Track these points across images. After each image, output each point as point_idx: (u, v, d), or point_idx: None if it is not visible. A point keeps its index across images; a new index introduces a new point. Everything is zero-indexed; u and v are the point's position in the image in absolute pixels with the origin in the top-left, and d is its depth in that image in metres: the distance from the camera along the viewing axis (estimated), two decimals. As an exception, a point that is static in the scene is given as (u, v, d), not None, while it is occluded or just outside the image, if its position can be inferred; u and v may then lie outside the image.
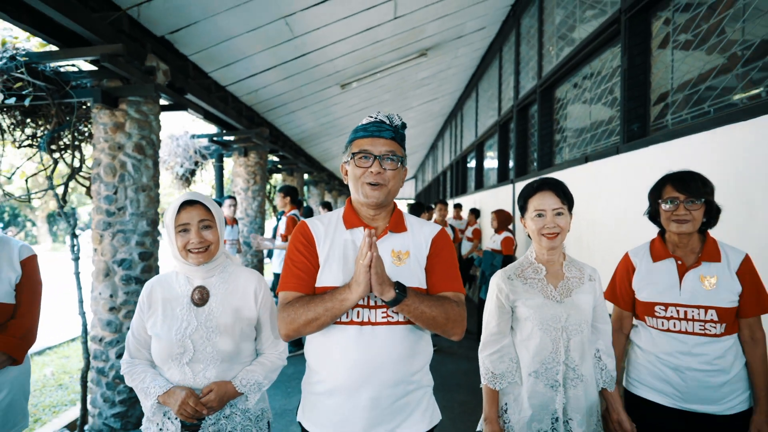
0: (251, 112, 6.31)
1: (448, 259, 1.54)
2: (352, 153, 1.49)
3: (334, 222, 1.55)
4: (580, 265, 1.79)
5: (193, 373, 1.57)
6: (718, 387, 1.72)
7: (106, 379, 3.45)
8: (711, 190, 1.77)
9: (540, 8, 5.69)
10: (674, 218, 1.76)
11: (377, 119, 1.50)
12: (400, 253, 1.49)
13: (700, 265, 1.76)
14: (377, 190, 1.46)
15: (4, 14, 2.53)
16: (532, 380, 1.68)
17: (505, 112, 7.29)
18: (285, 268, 1.50)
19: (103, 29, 3.01)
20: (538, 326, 1.69)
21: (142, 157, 3.54)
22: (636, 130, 3.50)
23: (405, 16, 5.46)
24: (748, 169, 2.25)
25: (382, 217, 1.54)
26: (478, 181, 9.68)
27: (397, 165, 1.48)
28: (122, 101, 3.46)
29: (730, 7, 2.65)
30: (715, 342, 1.72)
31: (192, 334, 1.57)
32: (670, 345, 1.78)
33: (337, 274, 1.44)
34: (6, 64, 2.84)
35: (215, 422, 1.59)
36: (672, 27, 3.20)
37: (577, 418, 1.64)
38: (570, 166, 4.47)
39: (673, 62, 3.18)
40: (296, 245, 1.50)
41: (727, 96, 2.67)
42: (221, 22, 4.00)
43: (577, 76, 4.81)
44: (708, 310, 1.72)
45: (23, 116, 3.34)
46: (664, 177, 1.84)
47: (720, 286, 1.72)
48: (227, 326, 1.60)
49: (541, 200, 1.70)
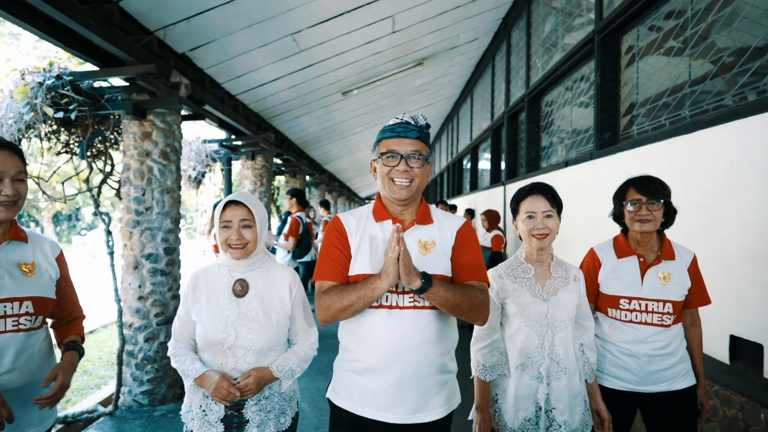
0: (258, 118, 6.73)
1: (472, 249, 1.62)
2: (381, 153, 1.58)
3: (365, 216, 1.64)
4: (566, 265, 1.90)
5: (235, 358, 1.67)
6: (667, 368, 1.90)
7: (135, 360, 3.87)
8: (669, 192, 1.93)
9: (528, 23, 6.12)
10: (637, 218, 1.90)
11: (403, 120, 1.58)
12: (426, 243, 1.58)
13: (660, 262, 1.92)
14: (405, 189, 1.55)
15: (58, 42, 2.95)
16: (519, 372, 1.78)
17: (497, 118, 7.72)
18: (320, 258, 1.61)
19: (137, 51, 3.43)
20: (525, 323, 1.78)
21: (167, 162, 3.96)
22: (608, 139, 3.93)
23: (402, 30, 5.89)
24: (697, 174, 2.68)
25: (410, 211, 1.63)
26: (473, 182, 10.10)
27: (423, 163, 1.57)
28: (150, 113, 3.87)
29: (680, 37, 3.08)
30: (666, 331, 1.90)
31: (234, 322, 1.68)
32: (629, 335, 1.92)
33: (368, 263, 1.54)
34: (54, 83, 3.25)
35: (257, 402, 1.71)
36: (636, 49, 3.63)
37: (559, 407, 1.74)
38: (553, 169, 4.89)
39: (638, 79, 3.61)
40: (331, 238, 1.61)
41: (678, 111, 3.10)
42: (235, 39, 4.41)
43: (559, 87, 5.24)
44: (666, 304, 1.89)
45: (59, 126, 3.75)
46: (627, 181, 2.00)
47: (674, 282, 1.90)
48: (265, 317, 1.70)
49: (531, 203, 1.80)
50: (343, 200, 22.34)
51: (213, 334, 1.67)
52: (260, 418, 1.71)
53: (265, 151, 7.15)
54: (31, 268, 1.62)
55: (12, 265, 1.58)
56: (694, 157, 2.66)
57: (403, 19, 5.56)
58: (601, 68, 3.94)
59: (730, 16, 2.66)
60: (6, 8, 2.51)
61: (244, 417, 1.70)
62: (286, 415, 1.77)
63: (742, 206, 2.30)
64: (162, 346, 3.92)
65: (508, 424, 1.78)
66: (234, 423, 1.70)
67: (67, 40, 3.03)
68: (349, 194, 23.79)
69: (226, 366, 1.68)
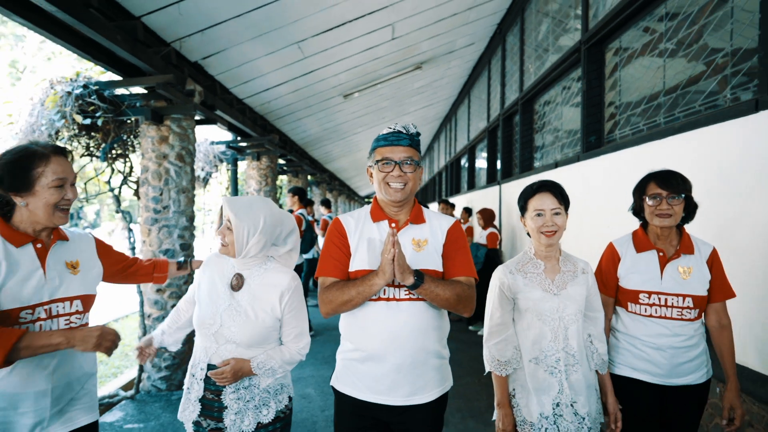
0: (264, 120, 7.01)
1: (461, 247, 1.74)
2: (376, 160, 1.71)
3: (363, 217, 1.78)
4: (574, 259, 1.91)
5: (217, 345, 1.74)
6: (691, 360, 1.90)
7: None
8: (690, 187, 1.92)
9: (521, 29, 6.41)
10: (658, 212, 1.89)
11: (395, 130, 1.71)
12: (419, 241, 1.72)
13: (680, 257, 1.91)
14: (399, 192, 1.69)
15: (89, 56, 3.23)
16: (533, 366, 1.79)
17: (493, 120, 8.00)
18: (322, 256, 1.75)
19: (156, 61, 3.71)
20: (537, 317, 1.80)
21: (182, 164, 4.25)
22: (593, 142, 4.21)
23: (401, 37, 6.17)
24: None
25: (404, 212, 1.76)
26: (470, 181, 10.39)
27: (415, 167, 1.71)
28: (166, 118, 4.16)
29: (655, 50, 3.37)
30: (688, 324, 1.89)
31: (223, 312, 1.74)
32: (652, 329, 1.91)
33: (366, 260, 1.68)
34: (82, 92, 3.54)
35: (235, 390, 1.75)
36: (618, 58, 3.92)
37: (581, 400, 1.76)
38: (544, 170, 5.18)
39: (620, 87, 3.90)
40: (332, 238, 1.74)
41: (654, 118, 3.39)
42: (244, 48, 4.70)
43: (550, 92, 5.53)
44: (685, 298, 1.88)
45: (80, 131, 4.02)
46: (647, 175, 1.97)
47: (694, 276, 1.89)
48: (250, 315, 1.74)
49: (540, 201, 1.82)
50: (344, 199, 22.62)
51: (203, 318, 1.75)
52: (238, 407, 1.74)
53: (269, 152, 7.44)
54: (76, 265, 1.67)
55: (61, 265, 1.62)
56: (666, 160, 2.96)
57: (402, 26, 5.85)
58: (587, 76, 4.22)
59: (697, 32, 2.95)
60: (48, 29, 2.79)
61: (223, 402, 1.74)
62: (269, 408, 1.79)
63: (703, 205, 2.59)
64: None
65: (527, 418, 1.80)
66: (215, 407, 1.75)
67: (96, 54, 3.32)
68: (349, 193, 24.06)
69: (209, 350, 1.75)
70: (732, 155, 2.39)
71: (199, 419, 1.76)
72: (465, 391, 4.19)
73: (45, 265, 1.56)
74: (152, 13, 3.50)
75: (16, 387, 1.47)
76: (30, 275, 1.51)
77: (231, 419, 1.73)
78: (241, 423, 1.73)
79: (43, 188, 1.50)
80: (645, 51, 3.52)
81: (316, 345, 5.45)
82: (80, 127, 4.00)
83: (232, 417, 1.73)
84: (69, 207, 1.58)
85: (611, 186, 3.60)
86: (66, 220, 1.58)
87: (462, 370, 4.66)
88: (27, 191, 1.48)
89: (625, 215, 2.17)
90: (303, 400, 4.03)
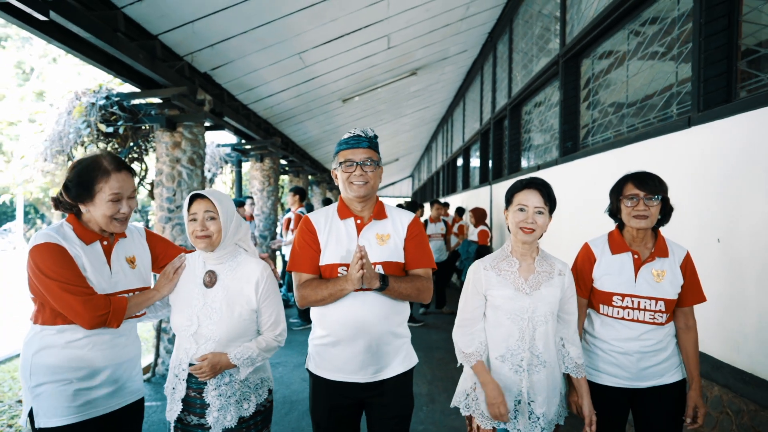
0: (267, 124, 7.40)
1: (420, 241, 1.91)
2: (339, 162, 1.85)
3: (331, 214, 1.91)
4: (552, 260, 1.88)
5: (197, 345, 1.76)
6: (659, 363, 1.90)
7: (168, 336, 4.56)
8: (666, 188, 1.90)
9: (510, 39, 6.79)
10: (635, 213, 1.86)
11: (355, 134, 1.86)
12: (383, 235, 1.87)
13: (654, 260, 1.89)
14: (362, 188, 1.82)
15: (113, 72, 3.62)
16: (498, 363, 1.81)
17: (485, 123, 8.39)
18: (293, 252, 1.87)
19: (171, 75, 4.10)
20: (507, 316, 1.80)
21: (194, 167, 4.64)
22: (570, 147, 4.60)
23: (397, 46, 6.55)
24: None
25: (368, 208, 1.90)
26: (465, 181, 10.78)
27: (375, 167, 1.84)
28: (179, 125, 4.55)
29: (621, 65, 3.76)
30: (659, 329, 1.89)
31: (198, 312, 1.77)
32: (621, 332, 1.91)
33: (335, 254, 1.83)
34: (105, 103, 3.93)
35: (216, 387, 1.78)
36: (591, 73, 4.31)
37: (539, 400, 1.77)
38: (529, 172, 5.57)
39: (591, 98, 4.29)
40: (303, 236, 1.87)
41: (618, 127, 3.78)
42: (250, 59, 5.08)
43: (535, 99, 5.92)
44: (658, 301, 1.87)
45: (101, 137, 4.41)
46: (624, 176, 1.95)
47: (667, 279, 1.87)
48: (228, 309, 1.77)
49: (525, 196, 1.80)
50: (343, 197, 22.97)
51: (179, 320, 1.80)
52: (220, 403, 1.77)
53: (272, 154, 7.83)
54: (133, 260, 1.85)
55: (122, 260, 1.81)
56: (628, 166, 3.34)
57: (397, 37, 6.23)
58: (564, 87, 4.61)
59: (651, 55, 3.34)
60: (81, 51, 3.18)
61: (205, 400, 1.78)
62: (250, 402, 1.83)
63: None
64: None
65: (486, 413, 1.82)
66: (197, 404, 1.79)
67: (119, 69, 3.71)
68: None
69: (189, 351, 1.77)
70: (671, 163, 2.77)
71: (181, 415, 1.81)
72: (452, 375, 4.59)
73: (110, 261, 1.78)
74: (169, 31, 3.89)
75: (96, 361, 1.75)
76: (100, 269, 1.74)
77: (214, 416, 1.76)
78: (224, 419, 1.77)
79: (101, 201, 1.69)
80: (610, 70, 3.91)
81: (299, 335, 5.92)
82: (102, 135, 4.40)
83: (215, 414, 1.76)
84: (124, 218, 1.75)
85: (582, 188, 3.99)
86: (121, 229, 1.77)
87: (449, 356, 5.08)
88: (89, 202, 1.70)
89: (599, 216, 2.22)
90: (304, 383, 4.43)
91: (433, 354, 5.23)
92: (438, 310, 7.32)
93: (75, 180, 1.71)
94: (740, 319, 2.26)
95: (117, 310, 1.70)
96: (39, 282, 1.65)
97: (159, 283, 1.84)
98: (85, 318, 1.64)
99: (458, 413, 2.01)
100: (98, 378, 1.75)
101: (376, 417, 1.90)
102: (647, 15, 3.38)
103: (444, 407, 3.86)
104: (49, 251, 1.65)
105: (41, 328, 1.70)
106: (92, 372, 1.74)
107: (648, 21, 3.38)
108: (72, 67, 20.47)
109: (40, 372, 1.68)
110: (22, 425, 1.86)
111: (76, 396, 1.70)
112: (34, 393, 1.68)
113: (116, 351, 1.80)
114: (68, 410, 1.68)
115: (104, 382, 1.76)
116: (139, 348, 1.95)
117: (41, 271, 1.63)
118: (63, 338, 1.69)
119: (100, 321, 1.66)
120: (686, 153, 2.64)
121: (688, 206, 2.58)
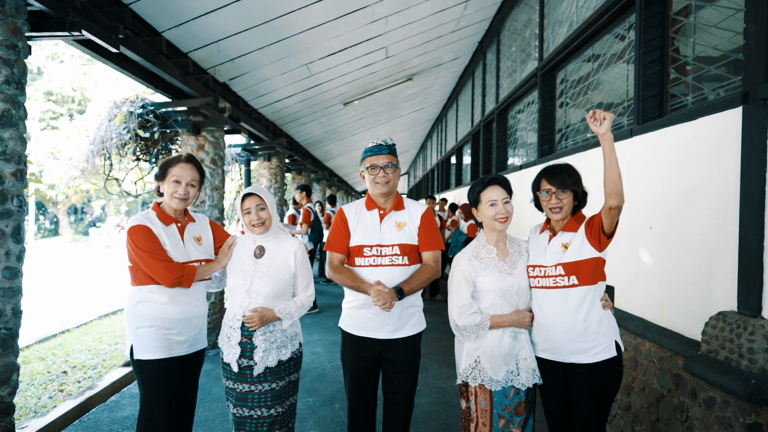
0: (274, 126, 8.00)
1: (431, 228, 2.35)
2: (366, 167, 2.32)
3: (360, 206, 2.41)
4: (517, 241, 2.22)
5: (249, 299, 2.26)
6: (579, 337, 1.99)
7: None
8: (576, 180, 2.09)
9: (498, 49, 7.41)
10: (550, 207, 2.08)
11: (378, 143, 2.32)
12: (400, 223, 2.31)
13: (558, 234, 2.11)
14: (384, 186, 2.28)
15: (150, 85, 4.22)
16: (499, 333, 2.08)
17: (476, 125, 9.01)
18: (331, 235, 2.39)
19: (198, 87, 4.70)
20: (498, 295, 2.07)
21: (215, 167, 5.25)
22: (547, 149, 5.23)
23: (394, 56, 7.17)
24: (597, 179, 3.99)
25: (389, 201, 2.36)
26: (457, 178, 11.40)
27: (394, 169, 2.31)
28: (203, 130, 5.15)
29: (587, 80, 4.39)
30: (569, 294, 2.00)
31: (252, 274, 2.28)
32: (542, 302, 2.07)
33: (362, 237, 2.31)
34: (141, 111, 4.53)
35: (263, 333, 2.27)
36: (563, 86, 4.94)
37: (531, 356, 2.12)
38: (514, 171, 6.20)
39: (564, 107, 4.92)
40: (337, 222, 2.39)
41: (585, 134, 4.41)
42: (264, 70, 5.68)
43: (519, 105, 6.55)
44: (557, 267, 2.04)
45: (137, 141, 5.01)
46: (540, 171, 2.15)
47: (571, 250, 2.05)
48: (273, 274, 2.28)
49: (492, 193, 2.08)
50: (342, 194, 23.59)
51: (235, 281, 2.31)
52: (265, 346, 2.26)
53: (279, 154, 8.43)
54: (200, 238, 2.41)
55: (191, 238, 2.37)
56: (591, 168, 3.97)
57: (395, 48, 6.85)
58: (542, 96, 5.23)
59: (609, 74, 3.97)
60: (128, 69, 3.79)
61: (254, 343, 2.26)
62: (287, 349, 2.32)
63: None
64: (212, 305, 5.21)
65: (494, 377, 2.07)
66: (248, 348, 2.27)
67: (156, 83, 4.31)
68: (347, 189, 25.04)
69: (243, 304, 2.26)
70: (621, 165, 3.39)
71: (239, 361, 2.27)
72: (443, 350, 5.25)
73: (183, 239, 2.34)
74: (197, 49, 4.49)
75: (176, 314, 2.31)
76: (176, 244, 2.30)
77: (260, 356, 2.24)
78: (267, 359, 2.25)
79: (168, 182, 2.28)
80: (578, 84, 4.54)
81: (321, 318, 6.61)
82: (140, 139, 4.99)
83: (261, 354, 2.24)
84: (180, 197, 2.27)
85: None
86: (180, 206, 2.30)
87: (440, 336, 5.74)
88: (162, 181, 2.31)
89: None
90: (314, 355, 5.06)
91: (427, 334, 5.86)
92: (432, 298, 7.96)
93: (160, 166, 2.36)
94: (665, 289, 2.89)
95: (189, 274, 2.28)
96: (134, 252, 2.24)
97: (219, 256, 2.45)
98: (166, 278, 2.23)
99: (446, 378, 2.58)
100: (177, 327, 2.33)
101: (390, 371, 2.37)
102: (605, 41, 4.02)
103: (436, 374, 4.51)
104: (140, 230, 2.24)
105: (138, 288, 2.30)
106: (172, 323, 2.31)
107: (607, 44, 4.02)
108: (105, 75, 21.14)
109: (138, 318, 2.28)
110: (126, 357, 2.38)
111: (162, 339, 2.29)
112: (135, 334, 2.29)
113: (189, 308, 2.37)
114: (157, 348, 2.28)
115: (181, 331, 2.34)
116: (206, 309, 2.49)
117: (135, 245, 2.22)
118: (153, 296, 2.29)
119: (177, 281, 2.25)
120: (630, 157, 3.28)
121: (630, 200, 3.21)
